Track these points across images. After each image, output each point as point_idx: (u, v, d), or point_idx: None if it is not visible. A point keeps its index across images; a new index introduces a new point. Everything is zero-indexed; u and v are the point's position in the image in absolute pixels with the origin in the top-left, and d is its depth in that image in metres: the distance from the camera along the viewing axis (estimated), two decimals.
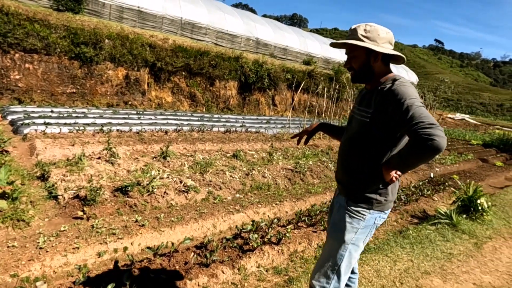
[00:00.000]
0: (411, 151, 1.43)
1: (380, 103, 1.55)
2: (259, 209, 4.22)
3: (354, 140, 1.69)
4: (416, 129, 1.37)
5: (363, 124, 1.62)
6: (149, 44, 12.62)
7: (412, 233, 3.89)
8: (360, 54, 1.63)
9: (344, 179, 1.76)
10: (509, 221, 4.88)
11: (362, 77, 1.69)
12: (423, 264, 3.11)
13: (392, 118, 1.50)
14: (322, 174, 6.62)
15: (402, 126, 1.47)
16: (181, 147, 7.00)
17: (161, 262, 2.66)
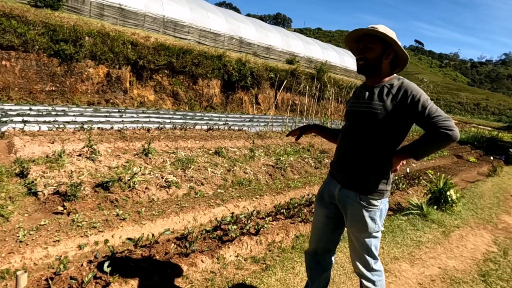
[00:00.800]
0: (431, 141, 1.61)
1: (392, 98, 1.68)
2: (240, 203, 4.33)
3: (364, 134, 1.76)
4: (435, 122, 1.56)
5: (374, 118, 1.70)
6: (131, 42, 12.53)
7: (385, 223, 4.09)
8: (377, 48, 1.75)
9: (354, 173, 1.80)
10: (476, 212, 5.17)
11: (370, 69, 1.78)
12: (393, 251, 3.29)
13: (406, 112, 1.65)
14: (303, 170, 6.78)
15: (417, 120, 1.65)
16: (163, 145, 7.03)
17: (142, 253, 2.73)
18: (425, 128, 1.63)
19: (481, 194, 6.35)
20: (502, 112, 52.45)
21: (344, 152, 1.86)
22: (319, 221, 2.04)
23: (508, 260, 3.52)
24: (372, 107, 1.73)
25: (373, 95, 1.76)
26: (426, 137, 1.63)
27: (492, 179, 8.08)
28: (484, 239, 4.09)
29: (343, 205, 1.86)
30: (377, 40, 1.74)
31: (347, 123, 1.91)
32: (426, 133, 1.63)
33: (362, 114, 1.77)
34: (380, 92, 1.74)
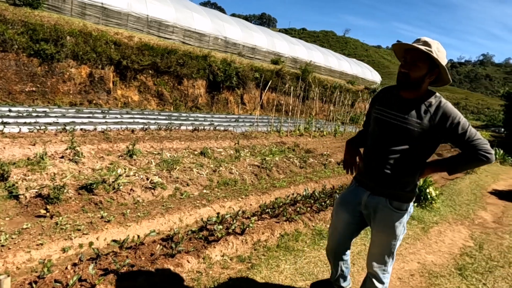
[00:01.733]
0: (469, 161, 1.76)
1: (431, 118, 1.75)
2: (225, 203, 4.36)
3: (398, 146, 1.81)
4: (475, 146, 1.70)
5: (411, 134, 1.77)
6: (114, 42, 12.35)
7: None
8: (424, 67, 1.74)
9: (386, 181, 1.86)
10: (454, 208, 5.36)
11: (411, 86, 1.78)
12: None
13: (443, 133, 1.75)
14: (288, 170, 6.87)
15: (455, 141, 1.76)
16: (148, 146, 6.99)
17: (127, 255, 2.73)
18: (463, 149, 1.75)
19: (459, 191, 6.58)
20: (480, 111, 54.12)
21: (376, 161, 1.90)
22: (340, 226, 2.10)
23: (483, 254, 3.68)
24: (409, 123, 1.77)
25: (410, 110, 1.79)
26: (464, 157, 1.76)
27: (470, 177, 8.37)
28: (462, 234, 4.25)
29: (373, 210, 1.91)
30: (426, 58, 1.73)
31: (377, 131, 1.93)
32: (464, 153, 1.76)
33: (397, 128, 1.81)
34: (418, 108, 1.78)
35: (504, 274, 3.25)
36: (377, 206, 1.89)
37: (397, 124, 1.81)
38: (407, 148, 1.80)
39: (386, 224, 1.88)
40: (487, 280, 3.08)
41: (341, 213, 2.09)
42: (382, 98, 1.98)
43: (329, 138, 12.64)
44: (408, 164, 1.82)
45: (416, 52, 1.73)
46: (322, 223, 4.19)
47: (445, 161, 1.84)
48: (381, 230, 1.92)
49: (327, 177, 6.52)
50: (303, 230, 3.87)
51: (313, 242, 3.43)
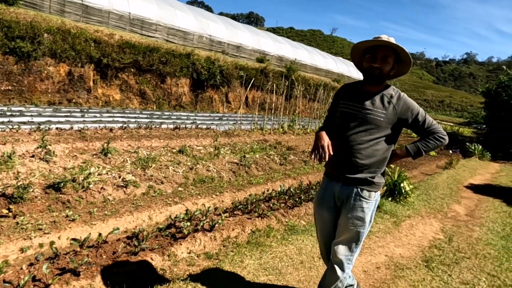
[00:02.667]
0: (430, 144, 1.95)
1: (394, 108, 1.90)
2: (199, 200, 4.32)
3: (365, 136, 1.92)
4: (433, 131, 1.93)
5: (377, 123, 1.90)
6: (94, 40, 12.13)
7: None
8: (392, 61, 1.92)
9: (355, 170, 1.94)
10: (429, 202, 5.43)
11: (382, 80, 1.93)
12: None
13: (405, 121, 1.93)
14: (267, 167, 6.85)
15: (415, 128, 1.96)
16: (126, 144, 6.87)
17: (88, 253, 2.67)
18: (422, 135, 1.97)
19: (435, 185, 6.67)
20: (464, 108, 55.22)
21: (345, 153, 1.97)
22: (326, 226, 2.13)
23: (452, 246, 3.73)
24: (375, 114, 1.91)
25: (374, 102, 1.93)
26: (426, 142, 1.95)
27: (448, 171, 8.50)
28: (433, 227, 4.30)
29: (345, 199, 1.98)
30: (393, 54, 1.91)
31: (345, 124, 1.99)
32: (423, 138, 1.97)
33: (364, 119, 1.92)
34: (381, 100, 1.93)
35: (470, 265, 3.30)
36: (348, 196, 1.96)
37: (364, 116, 1.92)
38: (375, 137, 1.91)
39: (356, 213, 1.94)
40: (452, 271, 3.11)
41: (322, 212, 2.12)
42: (346, 94, 2.06)
43: (313, 136, 12.68)
44: (376, 152, 1.93)
45: (388, 49, 1.89)
46: (296, 219, 4.18)
47: (409, 148, 2.00)
48: (350, 218, 1.96)
49: (305, 174, 6.53)
50: (276, 226, 3.86)
51: (283, 237, 3.41)
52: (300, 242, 3.25)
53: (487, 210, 5.46)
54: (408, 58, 1.93)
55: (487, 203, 6.00)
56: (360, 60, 2.02)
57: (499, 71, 21.40)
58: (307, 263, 2.85)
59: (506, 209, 5.75)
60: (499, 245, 3.93)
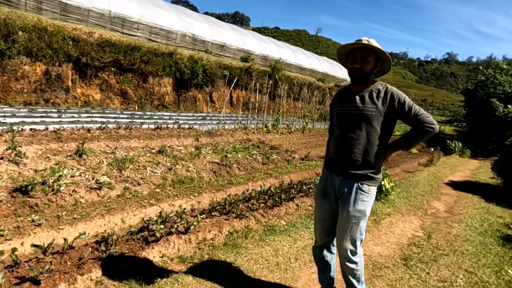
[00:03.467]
0: (418, 135, 1.98)
1: (383, 102, 2.00)
2: (176, 202, 4.19)
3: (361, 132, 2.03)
4: (420, 120, 1.94)
5: (369, 118, 2.00)
6: (72, 38, 11.80)
7: None
8: (373, 60, 2.04)
9: (354, 166, 2.05)
10: (409, 199, 5.44)
11: (364, 78, 2.05)
12: None
13: (394, 112, 1.99)
14: (249, 166, 6.76)
15: (404, 118, 2.00)
16: (103, 145, 6.66)
17: (52, 260, 2.52)
18: (412, 124, 1.99)
19: (416, 182, 6.72)
20: (445, 107, 56.49)
21: (343, 149, 2.09)
22: (326, 216, 2.21)
23: (431, 243, 3.72)
24: (366, 110, 2.01)
25: (364, 99, 2.04)
26: (413, 132, 2.00)
27: (429, 169, 8.60)
28: (412, 225, 4.30)
29: (346, 193, 2.07)
30: (372, 54, 2.03)
31: (341, 124, 2.13)
32: (412, 128, 2.00)
33: (357, 116, 2.03)
34: (370, 96, 2.04)
35: (448, 262, 3.29)
36: (349, 190, 2.06)
37: (357, 113, 2.04)
38: (369, 132, 2.02)
39: (357, 206, 2.04)
40: (431, 269, 3.09)
41: (324, 203, 2.22)
42: (339, 98, 2.22)
43: (297, 135, 12.67)
44: (372, 147, 2.03)
45: (366, 50, 2.03)
46: (276, 219, 4.10)
47: (400, 140, 2.10)
48: (351, 211, 2.05)
49: (288, 173, 6.47)
50: (254, 226, 3.77)
51: (261, 239, 3.33)
52: (278, 243, 3.18)
53: (466, 207, 5.51)
54: (385, 55, 2.05)
55: (466, 200, 6.07)
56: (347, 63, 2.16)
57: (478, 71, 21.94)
58: (282, 265, 2.77)
59: (484, 205, 5.83)
60: (476, 241, 3.95)
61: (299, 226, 3.71)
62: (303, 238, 3.36)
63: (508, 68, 17.11)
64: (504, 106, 14.51)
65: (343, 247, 2.10)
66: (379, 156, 2.06)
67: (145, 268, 2.67)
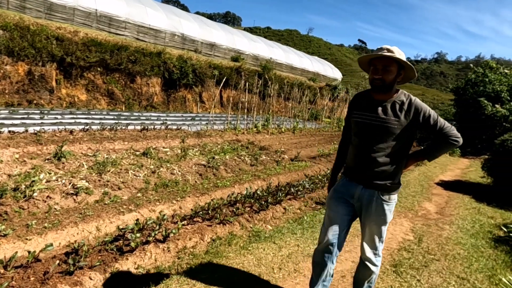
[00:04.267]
0: (443, 146, 2.00)
1: (406, 115, 1.96)
2: (157, 207, 3.99)
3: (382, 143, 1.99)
4: (446, 133, 1.95)
5: (392, 131, 1.96)
6: (56, 37, 11.47)
7: (307, 219, 4.01)
8: (395, 70, 1.96)
9: (375, 176, 2.03)
10: (400, 201, 5.33)
11: (387, 88, 1.99)
12: (308, 247, 3.18)
13: (418, 126, 1.97)
14: (237, 168, 6.59)
15: (429, 131, 1.98)
16: (85, 147, 6.42)
17: (14, 275, 2.31)
18: (436, 136, 1.99)
19: (407, 183, 6.61)
20: (436, 106, 56.88)
21: (364, 159, 2.07)
22: (338, 219, 2.18)
23: (421, 248, 3.59)
24: (389, 122, 1.97)
25: (387, 110, 2.00)
26: (438, 144, 2.01)
27: (420, 168, 8.53)
28: (403, 228, 4.17)
29: (366, 202, 2.08)
30: (394, 63, 1.95)
31: (362, 133, 2.09)
32: (437, 140, 2.00)
33: (379, 128, 1.99)
34: (393, 107, 1.99)
35: (439, 267, 3.16)
36: (370, 199, 2.07)
37: (379, 125, 1.99)
38: (390, 144, 1.99)
39: (378, 214, 2.07)
40: (421, 276, 2.95)
41: (337, 207, 2.20)
42: (358, 104, 2.15)
43: (287, 135, 12.53)
44: (393, 158, 2.00)
45: (386, 59, 1.95)
46: (262, 224, 3.94)
47: (423, 151, 2.10)
48: (372, 219, 2.09)
49: (276, 174, 6.31)
50: (239, 232, 3.60)
51: (243, 246, 3.15)
52: (261, 251, 3.00)
53: (457, 207, 5.42)
54: (407, 65, 1.98)
55: (457, 200, 5.98)
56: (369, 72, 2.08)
57: (467, 70, 22.09)
58: (265, 275, 2.60)
59: (475, 205, 5.75)
60: (468, 244, 3.84)
61: (285, 232, 3.54)
62: (288, 245, 3.19)
63: (498, 66, 17.22)
64: (492, 105, 14.58)
65: (367, 253, 2.18)
66: (400, 166, 2.06)
67: (117, 281, 2.48)
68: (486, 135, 14.63)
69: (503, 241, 4.13)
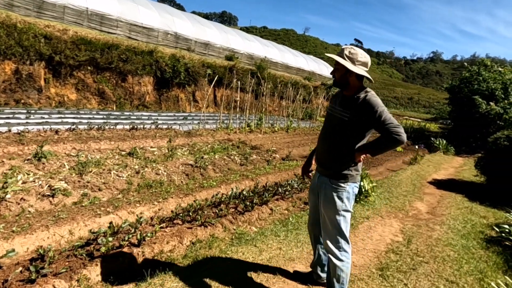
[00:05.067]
0: (384, 142, 2.07)
1: (357, 109, 2.11)
2: (136, 209, 3.83)
3: (335, 133, 2.22)
4: (388, 128, 2.00)
5: (343, 122, 2.17)
6: (44, 35, 11.24)
7: (292, 220, 3.87)
8: (342, 68, 2.18)
9: (327, 162, 2.29)
10: (391, 200, 5.20)
11: (339, 85, 2.26)
12: (291, 251, 3.04)
13: (366, 120, 2.10)
14: (226, 168, 6.44)
15: (374, 126, 2.09)
16: (70, 147, 6.25)
17: None
18: (380, 132, 2.08)
19: (399, 182, 6.49)
20: (431, 105, 57.06)
21: (322, 147, 2.35)
22: (312, 208, 2.49)
23: (410, 249, 3.47)
24: (343, 114, 2.18)
25: (345, 104, 2.21)
26: (381, 140, 2.09)
27: (413, 167, 8.42)
28: (392, 228, 4.04)
29: (320, 189, 2.31)
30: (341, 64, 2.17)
31: (325, 123, 2.38)
32: (381, 136, 2.08)
33: (335, 119, 2.23)
34: (350, 102, 2.18)
35: (428, 270, 3.03)
36: (322, 185, 2.30)
37: (336, 116, 2.24)
38: (342, 135, 2.18)
39: (327, 200, 2.25)
40: (409, 280, 2.83)
41: (311, 197, 2.50)
42: (332, 99, 2.42)
43: (281, 134, 12.40)
44: (343, 148, 2.20)
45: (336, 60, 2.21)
46: (246, 225, 3.79)
47: (368, 145, 2.18)
48: (324, 206, 2.27)
49: (265, 174, 6.17)
50: (221, 234, 3.45)
51: (223, 250, 3.00)
52: (240, 255, 2.86)
53: (448, 207, 5.30)
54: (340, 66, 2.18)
55: (449, 199, 5.87)
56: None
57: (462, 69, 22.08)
58: (241, 282, 2.45)
59: (467, 204, 5.64)
60: (459, 245, 3.71)
61: (268, 234, 3.39)
62: (270, 248, 3.05)
63: (492, 64, 17.17)
64: (486, 103, 14.51)
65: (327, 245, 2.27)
66: (348, 157, 2.19)
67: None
68: (481, 133, 14.56)
69: (495, 241, 4.02)
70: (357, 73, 2.14)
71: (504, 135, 6.67)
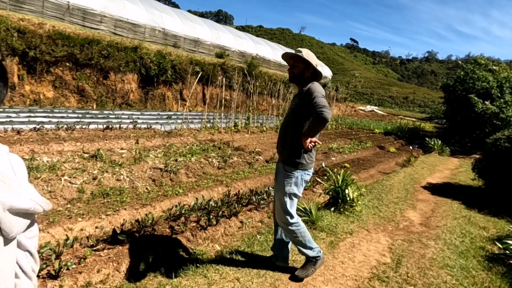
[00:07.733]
0: (313, 121, 2.32)
1: (302, 97, 2.43)
2: (76, 224, 3.24)
3: (288, 123, 2.54)
4: (316, 108, 2.26)
5: (293, 110, 2.52)
6: (17, 29, 10.58)
7: (260, 238, 3.30)
8: (300, 66, 2.50)
9: (280, 149, 2.59)
10: (380, 209, 4.64)
11: (296, 80, 2.56)
12: (251, 282, 2.46)
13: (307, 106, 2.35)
14: (201, 172, 5.86)
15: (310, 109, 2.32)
16: (27, 149, 5.63)
17: None
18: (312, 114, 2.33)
19: (390, 187, 5.94)
20: (426, 104, 56.77)
21: (279, 136, 2.65)
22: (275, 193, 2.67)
23: (399, 274, 2.90)
24: (292, 104, 2.58)
25: (296, 97, 2.57)
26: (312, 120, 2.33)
27: (406, 170, 7.88)
28: (379, 246, 3.48)
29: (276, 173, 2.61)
30: (300, 60, 2.49)
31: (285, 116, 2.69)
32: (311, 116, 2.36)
33: (289, 110, 2.60)
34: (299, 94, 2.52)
35: None
36: (278, 170, 2.58)
37: (290, 107, 2.60)
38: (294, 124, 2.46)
39: (279, 183, 2.54)
40: None
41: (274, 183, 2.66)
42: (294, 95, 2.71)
43: (269, 134, 11.82)
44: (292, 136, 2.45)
45: (295, 57, 2.51)
46: (208, 243, 3.21)
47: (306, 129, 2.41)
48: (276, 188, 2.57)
49: (244, 179, 5.59)
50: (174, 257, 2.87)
51: (161, 284, 2.42)
52: None
53: (444, 216, 4.75)
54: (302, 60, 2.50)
55: (445, 207, 5.32)
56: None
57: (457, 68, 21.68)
58: None
59: (465, 213, 5.09)
60: (457, 267, 3.16)
61: (228, 256, 2.81)
62: (223, 279, 2.46)
63: (487, 62, 16.71)
64: (482, 102, 14.04)
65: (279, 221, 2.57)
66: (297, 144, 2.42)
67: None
68: (476, 133, 14.09)
69: (497, 259, 3.48)
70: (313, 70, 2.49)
71: (505, 136, 6.14)
